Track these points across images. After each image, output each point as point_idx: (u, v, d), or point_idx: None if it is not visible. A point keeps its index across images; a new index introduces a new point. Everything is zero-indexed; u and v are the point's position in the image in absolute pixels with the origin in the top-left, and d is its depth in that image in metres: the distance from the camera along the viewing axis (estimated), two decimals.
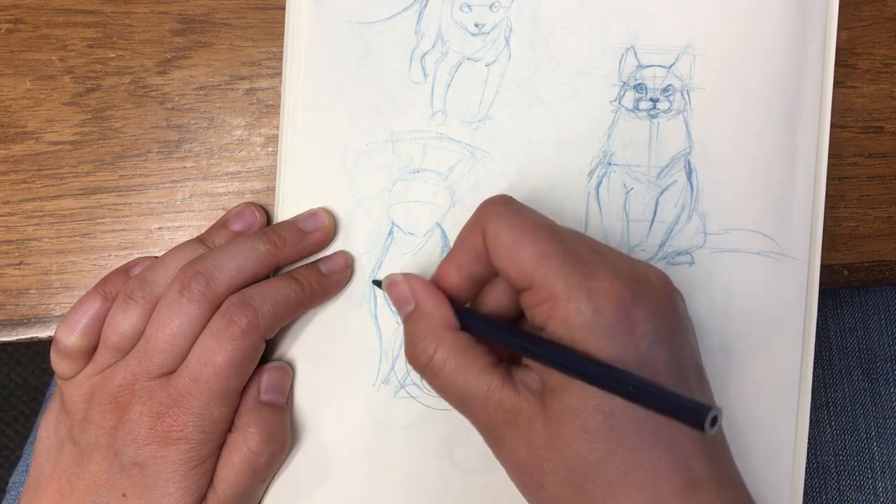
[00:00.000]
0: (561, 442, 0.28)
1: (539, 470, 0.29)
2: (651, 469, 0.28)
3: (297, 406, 0.37)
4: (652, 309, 0.29)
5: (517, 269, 0.30)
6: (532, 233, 0.30)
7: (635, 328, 0.28)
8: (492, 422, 0.30)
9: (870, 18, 0.40)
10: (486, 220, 0.31)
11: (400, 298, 0.33)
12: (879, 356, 0.48)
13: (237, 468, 0.34)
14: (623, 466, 0.28)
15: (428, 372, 0.31)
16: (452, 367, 0.31)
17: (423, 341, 0.31)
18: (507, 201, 0.31)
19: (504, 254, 0.30)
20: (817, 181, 0.37)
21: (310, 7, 0.37)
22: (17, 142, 0.39)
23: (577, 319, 0.28)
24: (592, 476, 0.28)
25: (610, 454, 0.28)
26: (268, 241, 0.35)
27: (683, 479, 0.28)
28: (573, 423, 0.28)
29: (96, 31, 0.39)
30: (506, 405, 0.30)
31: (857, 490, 0.46)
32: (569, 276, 0.29)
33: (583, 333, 0.28)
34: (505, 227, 0.30)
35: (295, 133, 0.37)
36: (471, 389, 0.30)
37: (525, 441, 0.29)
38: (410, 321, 0.32)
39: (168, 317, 0.33)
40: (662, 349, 0.29)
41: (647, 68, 0.37)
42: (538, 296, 0.29)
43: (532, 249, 0.29)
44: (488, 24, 0.37)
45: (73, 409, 0.35)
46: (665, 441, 0.28)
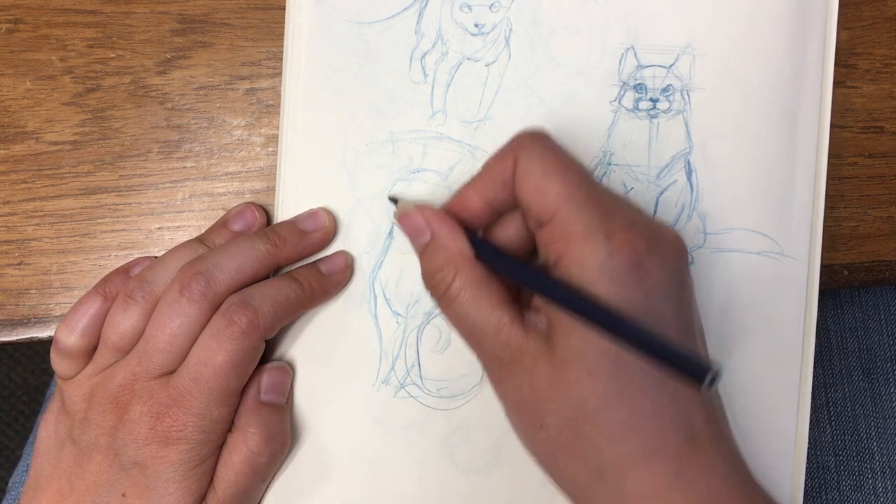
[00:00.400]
0: (565, 383, 0.28)
1: (540, 410, 0.29)
2: (653, 418, 0.28)
3: (297, 406, 0.37)
4: (664, 262, 0.29)
5: (541, 203, 0.30)
6: (563, 170, 0.30)
7: (646, 278, 0.29)
8: (497, 357, 0.30)
9: (870, 18, 0.40)
10: (519, 149, 0.31)
11: (414, 230, 0.33)
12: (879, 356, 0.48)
13: (237, 468, 0.34)
14: (625, 412, 0.28)
15: (445, 299, 0.31)
16: (467, 297, 0.31)
17: (441, 270, 0.31)
18: (543, 135, 0.31)
19: (531, 186, 0.30)
20: (817, 181, 0.37)
21: (310, 7, 0.37)
22: (17, 142, 0.39)
23: (591, 260, 0.28)
24: (594, 419, 0.28)
25: (613, 399, 0.28)
26: (268, 241, 0.35)
27: (683, 431, 0.29)
28: (579, 365, 0.28)
29: (96, 31, 0.39)
30: (513, 343, 0.30)
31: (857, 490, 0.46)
32: (590, 218, 0.29)
33: (595, 276, 0.28)
34: (538, 160, 0.30)
35: (295, 133, 0.37)
36: (481, 322, 0.30)
37: (529, 380, 0.29)
38: (427, 252, 0.32)
39: (168, 317, 0.33)
40: (671, 302, 0.29)
41: (647, 68, 0.37)
42: (556, 232, 0.29)
43: (560, 186, 0.29)
44: (488, 24, 0.37)
45: (73, 409, 0.35)
46: (668, 392, 0.29)
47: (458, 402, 0.37)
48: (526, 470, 0.37)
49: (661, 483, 0.28)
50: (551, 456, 0.30)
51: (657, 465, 0.28)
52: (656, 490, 0.28)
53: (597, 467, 0.29)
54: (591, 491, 0.29)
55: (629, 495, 0.28)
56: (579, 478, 0.29)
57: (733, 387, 0.37)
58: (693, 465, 0.28)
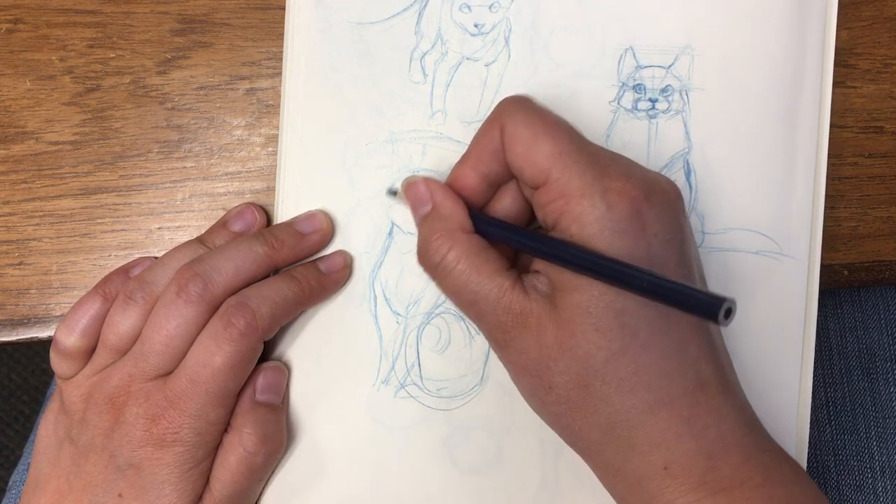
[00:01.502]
0: (572, 340, 0.29)
1: (548, 371, 0.29)
2: (660, 368, 0.28)
3: (297, 406, 0.37)
4: (663, 210, 0.29)
5: (533, 165, 0.30)
6: (550, 130, 0.30)
7: (647, 227, 0.29)
8: (501, 323, 0.30)
9: (870, 18, 0.40)
10: (504, 116, 0.31)
11: (417, 199, 0.33)
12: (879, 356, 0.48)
13: (233, 468, 0.34)
14: (633, 365, 0.28)
15: (439, 271, 0.31)
16: (464, 267, 0.30)
17: (436, 241, 0.31)
18: (525, 99, 0.31)
19: (521, 149, 0.30)
20: (817, 181, 0.37)
21: (310, 7, 0.37)
22: (17, 142, 0.39)
23: (590, 216, 0.28)
24: (602, 374, 0.28)
25: (621, 352, 0.28)
26: (265, 243, 0.35)
27: (692, 379, 0.29)
28: (584, 322, 0.28)
29: (96, 31, 0.39)
30: (516, 307, 0.30)
31: (856, 490, 0.46)
32: (584, 174, 0.29)
33: (595, 230, 0.28)
34: (523, 124, 0.30)
35: (295, 133, 0.37)
36: (482, 290, 0.30)
37: (535, 342, 0.29)
38: (426, 222, 0.32)
39: (165, 318, 0.33)
40: (673, 250, 0.29)
41: (646, 69, 0.37)
42: (552, 192, 0.29)
43: (549, 146, 0.29)
44: (488, 24, 0.37)
45: (72, 410, 0.35)
46: (674, 342, 0.29)
47: (458, 403, 0.37)
48: (526, 470, 0.37)
49: (672, 431, 0.28)
50: (562, 415, 0.30)
51: (667, 414, 0.28)
52: (666, 438, 0.28)
53: (608, 421, 0.29)
54: (603, 446, 0.29)
55: (640, 445, 0.29)
56: (591, 434, 0.29)
57: None
58: (703, 413, 0.29)
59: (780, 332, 0.37)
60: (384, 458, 0.37)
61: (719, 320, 0.25)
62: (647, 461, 0.29)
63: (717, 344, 0.31)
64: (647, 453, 0.29)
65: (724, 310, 0.25)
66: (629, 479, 0.30)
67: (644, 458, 0.29)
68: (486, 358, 0.37)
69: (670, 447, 0.28)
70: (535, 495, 0.37)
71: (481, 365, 0.37)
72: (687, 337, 0.29)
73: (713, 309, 0.26)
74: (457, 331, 0.37)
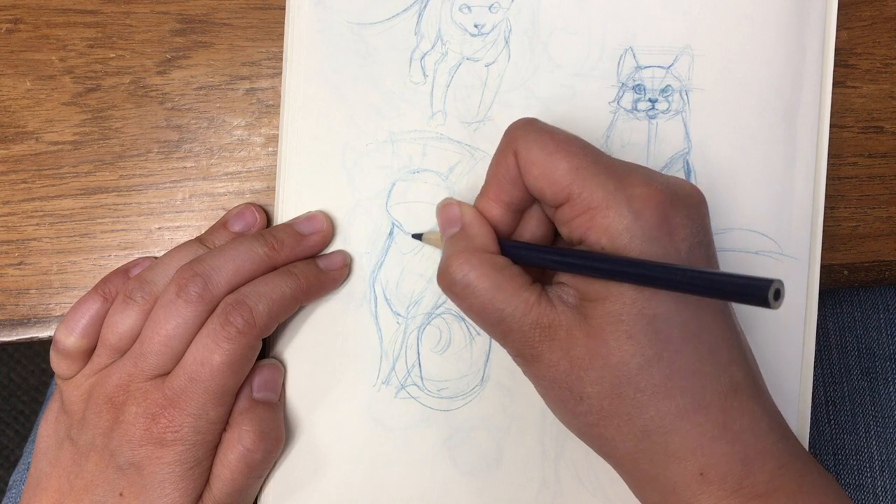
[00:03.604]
0: (604, 349, 0.28)
1: (579, 382, 0.29)
2: (694, 374, 0.28)
3: (297, 406, 0.37)
4: (689, 214, 0.29)
5: (552, 184, 0.30)
6: (563, 147, 0.30)
7: (675, 231, 0.29)
8: (529, 339, 0.30)
9: (870, 18, 0.40)
10: (515, 141, 0.31)
11: (448, 220, 0.33)
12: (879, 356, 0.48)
13: (233, 466, 0.34)
14: (667, 370, 0.28)
15: (461, 290, 0.31)
16: (488, 286, 0.30)
17: (458, 258, 0.31)
18: (533, 121, 0.31)
19: (538, 171, 0.30)
20: (817, 181, 0.37)
21: (310, 7, 0.37)
22: (17, 142, 0.39)
23: (618, 226, 0.28)
24: (636, 381, 0.28)
25: (655, 359, 0.28)
26: (265, 243, 0.35)
27: (725, 383, 0.29)
28: (617, 330, 0.28)
29: (96, 31, 0.39)
30: (544, 320, 0.30)
31: (856, 489, 0.46)
32: (605, 185, 0.29)
33: (626, 239, 0.28)
34: (536, 145, 0.30)
35: (295, 133, 0.37)
36: (508, 308, 0.30)
37: (565, 354, 0.29)
38: (452, 241, 0.32)
39: (164, 318, 0.33)
40: (702, 251, 0.29)
41: (646, 69, 0.37)
42: (575, 208, 0.29)
43: (566, 163, 0.29)
44: (488, 24, 0.37)
45: (72, 409, 0.35)
46: (707, 346, 0.29)
47: (459, 403, 0.37)
48: (526, 470, 0.37)
49: (707, 435, 0.28)
50: (594, 426, 0.30)
51: (702, 418, 0.28)
52: (702, 443, 0.28)
53: (642, 428, 0.29)
54: (637, 454, 0.29)
55: (676, 451, 0.28)
56: (625, 442, 0.29)
57: None
58: (737, 417, 0.29)
59: (780, 332, 0.37)
60: (384, 458, 0.37)
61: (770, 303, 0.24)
62: (683, 467, 0.28)
63: (746, 348, 0.31)
64: (682, 459, 0.28)
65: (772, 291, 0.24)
66: (664, 487, 0.29)
67: (680, 464, 0.29)
68: (487, 358, 0.37)
69: (706, 452, 0.28)
70: (536, 496, 0.37)
71: (482, 365, 0.37)
72: (719, 340, 0.29)
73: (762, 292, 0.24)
74: (457, 331, 0.37)
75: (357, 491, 0.37)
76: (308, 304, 0.37)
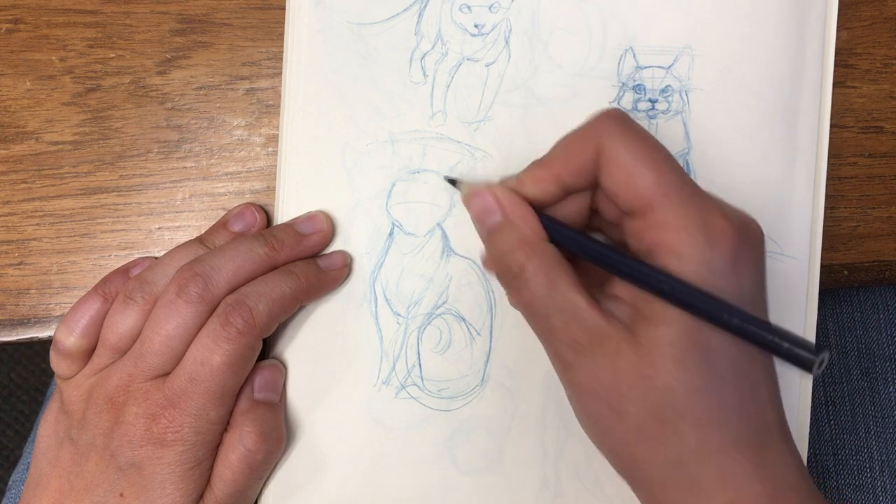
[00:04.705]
0: (653, 371, 0.28)
1: (621, 398, 0.28)
2: (737, 410, 0.28)
3: (298, 407, 0.37)
4: (753, 253, 0.29)
5: (632, 193, 0.29)
6: (652, 157, 0.29)
7: (741, 268, 0.28)
8: (575, 341, 0.29)
9: (870, 18, 0.40)
10: (602, 133, 0.30)
11: (484, 210, 0.31)
12: (878, 355, 0.48)
13: (234, 467, 0.34)
14: (712, 403, 0.28)
15: (516, 283, 0.30)
16: (542, 280, 0.29)
17: (514, 251, 0.30)
18: (626, 118, 0.30)
19: (622, 175, 0.29)
20: (817, 181, 0.37)
21: (310, 7, 0.37)
22: (17, 142, 0.39)
23: (691, 251, 0.28)
24: (681, 409, 0.28)
25: (703, 389, 0.28)
26: (266, 243, 0.35)
27: (762, 423, 0.29)
28: (669, 354, 0.28)
29: (96, 31, 0.39)
30: (594, 327, 0.29)
31: (856, 489, 0.46)
32: (687, 208, 0.28)
33: (695, 266, 0.28)
34: (625, 148, 0.29)
35: (295, 133, 0.37)
36: (558, 304, 0.29)
37: (610, 367, 0.29)
38: (499, 232, 0.31)
39: (165, 318, 0.33)
40: (759, 292, 0.29)
41: (646, 69, 0.37)
42: (649, 223, 0.29)
43: (653, 175, 0.29)
44: (488, 24, 0.37)
45: (72, 409, 0.35)
46: (749, 385, 0.28)
47: (459, 403, 0.37)
48: (527, 470, 0.37)
49: (741, 472, 0.28)
50: (627, 445, 0.29)
51: (739, 455, 0.28)
52: (735, 479, 0.28)
53: (678, 456, 0.28)
54: (667, 481, 0.29)
55: (708, 484, 0.28)
56: (657, 468, 0.29)
57: None
58: (770, 456, 0.28)
59: None
60: (384, 458, 0.37)
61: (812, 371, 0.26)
62: (711, 500, 0.28)
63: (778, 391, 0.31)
64: (712, 493, 0.28)
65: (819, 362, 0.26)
66: None
67: (709, 498, 0.28)
68: (487, 359, 0.37)
69: (738, 489, 0.28)
70: (536, 496, 0.37)
71: (482, 366, 0.37)
72: (760, 379, 0.29)
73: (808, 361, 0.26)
74: (457, 332, 0.37)
75: (357, 491, 0.37)
76: (308, 303, 0.37)
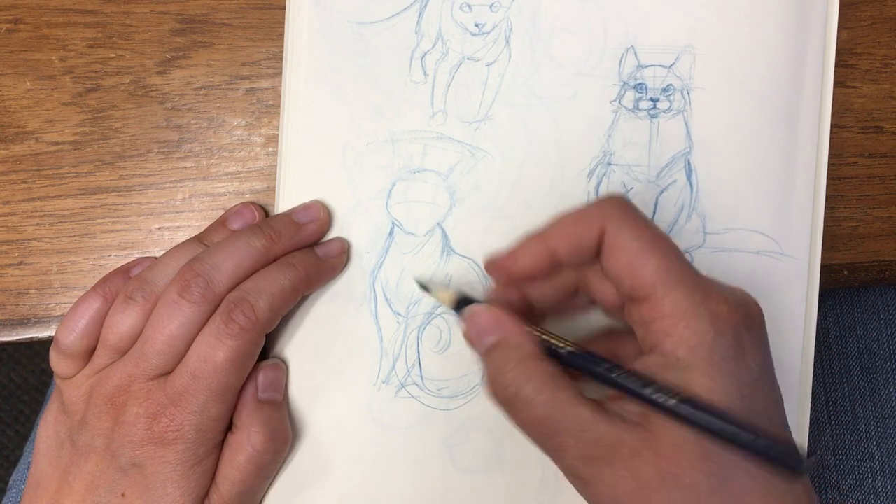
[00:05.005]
0: (678, 470, 0.27)
1: (647, 501, 0.28)
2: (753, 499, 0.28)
3: (298, 406, 0.37)
4: (756, 336, 0.29)
5: (636, 279, 0.29)
6: (655, 244, 0.29)
7: (747, 352, 0.29)
8: (587, 456, 0.28)
9: (870, 18, 0.40)
10: (607, 218, 0.30)
11: (481, 329, 0.31)
12: (879, 356, 0.48)
13: (243, 468, 0.34)
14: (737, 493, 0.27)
15: (515, 405, 0.30)
16: (543, 400, 0.29)
17: (510, 372, 0.30)
18: (631, 205, 0.31)
19: (625, 260, 0.29)
20: (817, 181, 0.37)
21: (310, 7, 0.37)
22: (17, 142, 0.39)
23: (699, 340, 0.28)
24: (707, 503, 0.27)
25: (727, 480, 0.27)
26: (263, 236, 0.35)
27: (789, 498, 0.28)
28: (692, 451, 0.27)
29: (96, 31, 0.39)
30: (605, 438, 0.28)
31: (856, 489, 0.46)
32: (692, 296, 0.28)
33: (705, 355, 0.28)
34: (630, 234, 0.29)
35: (295, 133, 0.37)
36: (564, 423, 0.29)
37: (629, 473, 0.28)
38: (496, 352, 0.31)
39: (168, 318, 0.33)
40: (768, 374, 0.29)
41: (647, 68, 0.37)
42: (654, 311, 0.29)
43: (656, 262, 0.29)
44: (488, 24, 0.37)
45: (72, 410, 0.35)
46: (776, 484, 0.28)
47: (459, 403, 0.37)
48: (526, 470, 0.37)
49: None
50: None
51: None
52: None
53: None
54: None
55: None
56: None
57: None
58: None
59: (780, 332, 0.37)
60: (384, 457, 0.37)
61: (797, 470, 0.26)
62: None
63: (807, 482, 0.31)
64: None
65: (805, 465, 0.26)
66: None
67: None
68: None
69: None
70: (536, 495, 0.37)
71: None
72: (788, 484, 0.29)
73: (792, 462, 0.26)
74: (457, 331, 0.37)
75: (356, 490, 0.37)
76: (310, 293, 0.37)
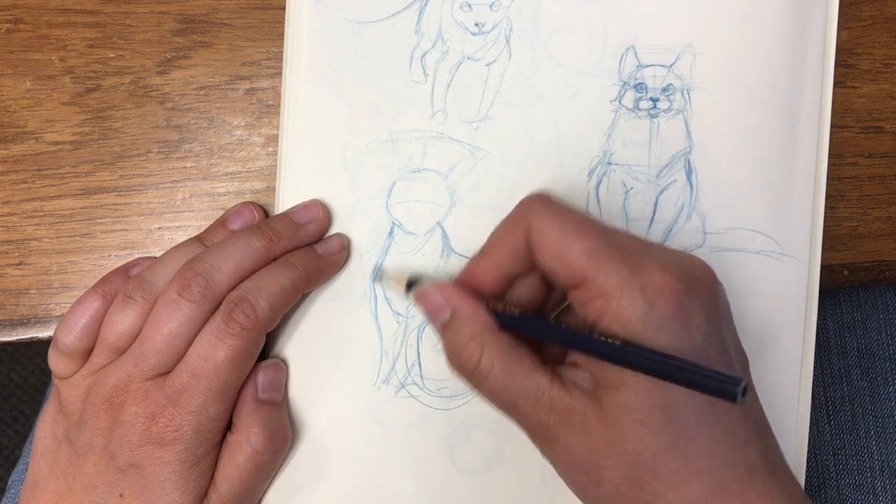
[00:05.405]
0: (620, 437, 0.28)
1: (597, 467, 0.29)
2: (710, 457, 0.28)
3: (298, 406, 0.37)
4: (702, 300, 0.29)
5: (566, 267, 0.29)
6: (578, 229, 0.30)
7: (689, 320, 0.29)
8: (543, 423, 0.30)
9: (870, 18, 0.40)
10: (528, 218, 0.31)
11: (434, 308, 0.32)
12: (878, 356, 0.48)
13: (242, 468, 0.34)
14: (683, 457, 0.28)
15: (476, 377, 0.31)
16: (500, 370, 0.30)
17: (467, 347, 0.31)
18: (548, 199, 0.31)
19: (552, 252, 0.30)
20: (817, 181, 0.38)
21: (310, 7, 0.37)
22: (17, 142, 0.39)
23: (632, 314, 0.28)
24: (653, 469, 0.28)
25: (670, 446, 0.28)
26: (263, 236, 0.35)
27: (741, 466, 0.29)
28: (632, 419, 0.28)
29: (96, 31, 0.39)
30: (558, 405, 0.30)
31: (855, 489, 0.46)
32: (620, 272, 0.29)
33: (639, 328, 0.28)
34: (550, 225, 0.30)
35: (295, 133, 0.37)
36: (520, 391, 0.30)
37: (581, 439, 0.29)
38: (451, 328, 0.32)
39: (167, 317, 0.33)
40: (714, 339, 0.29)
41: (648, 68, 0.37)
42: (589, 292, 0.29)
43: (580, 246, 0.29)
44: (488, 23, 0.37)
45: (70, 410, 0.35)
46: (723, 429, 0.29)
47: (459, 402, 0.37)
48: (526, 470, 0.37)
49: None
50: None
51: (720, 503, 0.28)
52: None
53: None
54: None
55: None
56: None
57: None
58: (754, 499, 0.28)
59: (780, 332, 0.37)
60: (384, 457, 0.37)
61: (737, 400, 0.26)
62: None
63: (763, 424, 0.31)
64: None
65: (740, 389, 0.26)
66: None
67: None
68: None
69: None
70: (536, 495, 0.37)
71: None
72: (735, 422, 0.29)
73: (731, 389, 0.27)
74: None
75: (356, 489, 0.37)
76: (311, 290, 0.37)
